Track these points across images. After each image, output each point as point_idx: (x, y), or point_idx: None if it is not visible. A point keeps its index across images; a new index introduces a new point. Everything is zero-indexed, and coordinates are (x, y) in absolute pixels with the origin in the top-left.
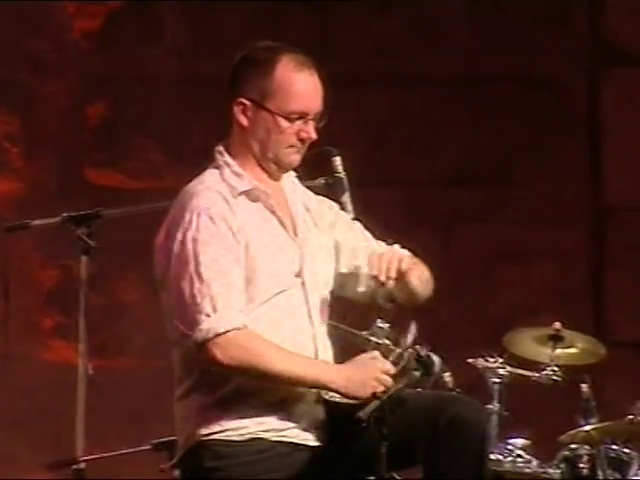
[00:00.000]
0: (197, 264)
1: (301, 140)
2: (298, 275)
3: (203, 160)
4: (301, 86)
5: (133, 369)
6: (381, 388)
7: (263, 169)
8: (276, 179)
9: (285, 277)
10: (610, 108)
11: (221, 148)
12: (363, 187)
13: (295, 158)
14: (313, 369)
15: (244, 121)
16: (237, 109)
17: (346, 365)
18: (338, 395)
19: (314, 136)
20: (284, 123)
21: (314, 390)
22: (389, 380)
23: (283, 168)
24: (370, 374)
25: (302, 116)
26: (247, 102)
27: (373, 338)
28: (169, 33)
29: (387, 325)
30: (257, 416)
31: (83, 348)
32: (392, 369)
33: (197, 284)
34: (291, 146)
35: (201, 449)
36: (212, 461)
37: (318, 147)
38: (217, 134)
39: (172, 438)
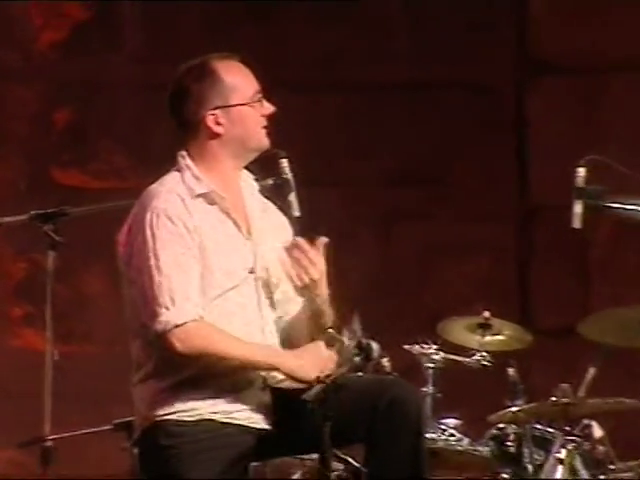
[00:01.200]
0: (157, 260)
1: (267, 117)
2: (251, 272)
3: (163, 162)
4: (243, 71)
5: (96, 355)
6: (325, 372)
7: (228, 172)
8: (236, 180)
9: (238, 273)
10: (536, 113)
11: (184, 153)
12: (309, 187)
13: (267, 139)
14: (265, 354)
15: (219, 129)
16: (210, 122)
17: (295, 351)
18: (285, 378)
19: (273, 108)
20: (252, 108)
21: (261, 377)
22: (332, 365)
23: (260, 152)
24: (316, 359)
25: (258, 94)
26: (215, 112)
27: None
28: (129, 42)
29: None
30: (208, 400)
31: (50, 335)
32: (335, 356)
33: (157, 279)
34: (263, 127)
35: (156, 429)
36: (166, 440)
37: (267, 150)
38: (177, 138)
39: (131, 419)
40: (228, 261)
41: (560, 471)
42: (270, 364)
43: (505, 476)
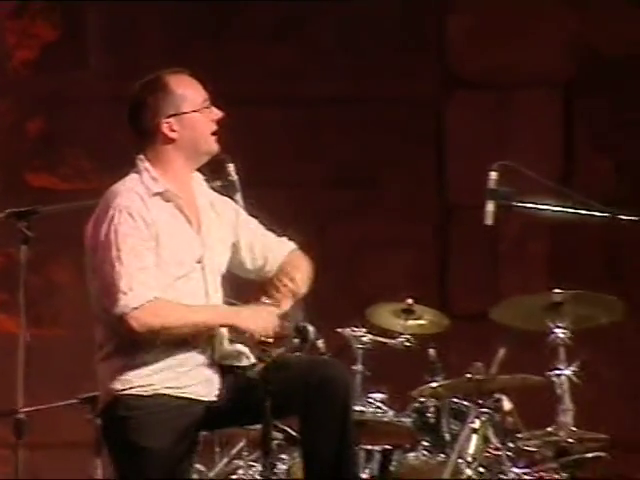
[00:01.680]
0: (118, 251)
1: (216, 122)
2: (199, 262)
3: (123, 166)
4: (191, 83)
5: (64, 337)
6: (268, 332)
7: (180, 173)
8: (188, 180)
9: (188, 263)
10: (453, 124)
11: (142, 157)
12: (253, 188)
13: (216, 145)
14: (218, 314)
15: (174, 135)
16: (165, 129)
17: (241, 307)
18: (231, 356)
19: (221, 113)
20: (202, 114)
21: (209, 357)
22: (275, 327)
23: (210, 155)
24: (260, 315)
25: (206, 102)
26: (169, 120)
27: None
28: (94, 60)
29: (270, 302)
30: (162, 376)
31: (23, 320)
32: (275, 317)
33: (117, 267)
34: (213, 133)
35: (116, 402)
36: (125, 411)
37: (216, 156)
38: (135, 144)
39: (95, 393)
40: (179, 252)
41: (474, 439)
42: (216, 320)
43: (425, 444)
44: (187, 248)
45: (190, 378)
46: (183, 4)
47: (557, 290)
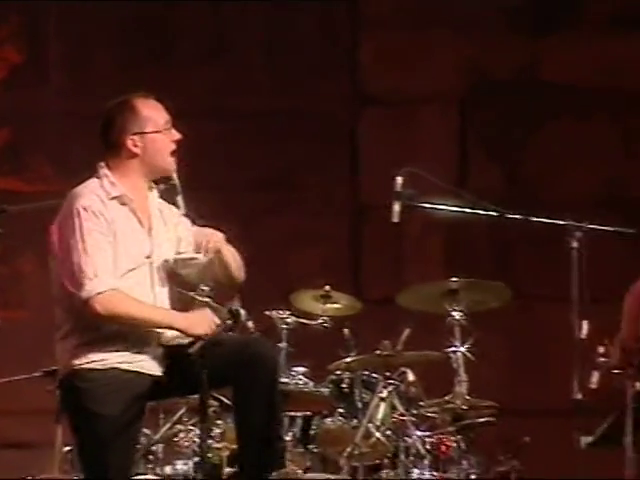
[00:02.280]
0: (83, 243)
1: (175, 142)
2: (148, 257)
3: (79, 172)
4: (156, 105)
5: (28, 319)
6: (209, 331)
7: (137, 182)
8: (148, 189)
9: (138, 258)
10: (365, 135)
11: (103, 164)
12: (191, 191)
13: (173, 163)
14: (165, 316)
15: (137, 150)
16: (130, 145)
17: (186, 313)
18: (176, 336)
19: (180, 135)
20: (163, 135)
21: (156, 337)
22: (214, 325)
23: (169, 172)
24: (202, 320)
25: (168, 124)
26: (134, 137)
27: (198, 297)
28: (54, 80)
29: (209, 288)
30: (114, 353)
31: None
32: (216, 318)
33: (84, 257)
34: (172, 153)
35: (74, 375)
36: (81, 383)
37: None
38: (93, 153)
39: (55, 368)
40: (131, 248)
41: (382, 407)
42: (167, 323)
43: (340, 411)
44: (138, 245)
45: (139, 355)
46: (131, 31)
47: (453, 278)
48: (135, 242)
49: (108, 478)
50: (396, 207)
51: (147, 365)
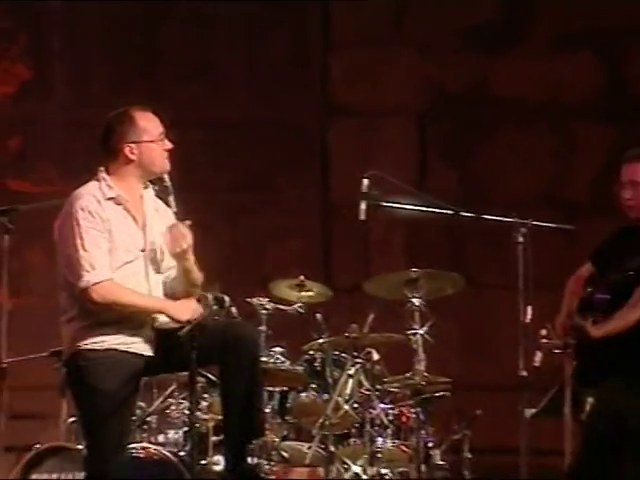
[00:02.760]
0: (81, 240)
1: (167, 151)
2: (143, 250)
3: (81, 175)
4: (152, 118)
5: (37, 304)
6: (193, 317)
7: (133, 184)
8: (144, 187)
9: (133, 252)
10: (334, 143)
11: (102, 169)
12: (181, 192)
13: (168, 163)
14: (156, 303)
15: (133, 157)
16: (127, 151)
17: (174, 302)
18: (168, 321)
19: (171, 145)
20: (157, 144)
21: (150, 321)
22: (199, 311)
23: (162, 174)
24: (187, 307)
25: (162, 135)
26: (131, 145)
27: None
28: (58, 94)
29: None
30: (112, 335)
31: (5, 291)
32: (200, 307)
33: (81, 252)
34: (165, 157)
35: (77, 355)
36: (83, 362)
37: None
38: (92, 158)
39: (60, 348)
40: (127, 242)
41: (350, 382)
42: (159, 309)
43: (313, 386)
44: (132, 240)
45: (134, 338)
46: (125, 51)
47: (413, 269)
48: (130, 237)
49: (107, 446)
50: (362, 206)
51: (141, 346)
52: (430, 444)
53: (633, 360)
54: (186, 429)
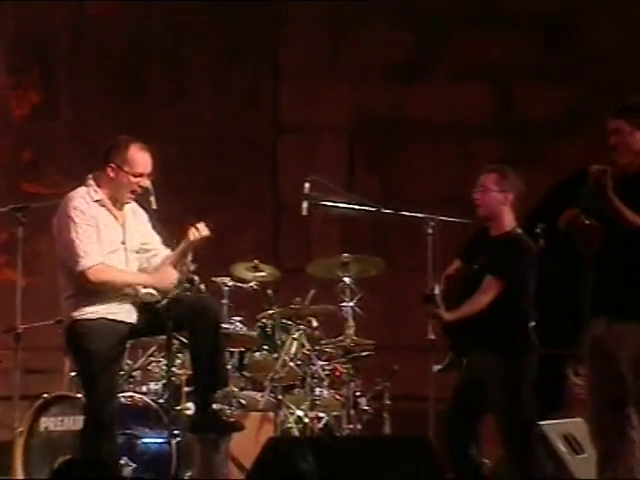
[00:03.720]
0: (76, 232)
1: (140, 187)
2: (123, 242)
3: (81, 180)
4: (143, 155)
5: (44, 283)
6: (172, 282)
7: (109, 192)
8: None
9: (115, 244)
10: (283, 154)
11: (90, 176)
12: (159, 193)
13: (131, 199)
14: (139, 277)
15: (112, 174)
16: (109, 169)
17: (154, 273)
18: (148, 292)
19: (147, 185)
20: (132, 179)
21: (133, 295)
22: (175, 277)
23: (123, 202)
24: (166, 276)
25: (142, 174)
26: (113, 165)
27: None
28: (63, 115)
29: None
30: (103, 307)
31: (19, 272)
32: (175, 273)
33: (77, 242)
34: (132, 192)
35: (74, 323)
36: (80, 329)
37: None
38: (88, 168)
39: (62, 318)
40: (110, 236)
41: (294, 344)
42: (143, 282)
43: (265, 347)
44: (115, 234)
45: (121, 309)
46: (117, 80)
47: (345, 254)
48: (112, 232)
49: (101, 395)
50: (304, 204)
51: (126, 315)
52: (358, 393)
53: (489, 336)
54: (164, 381)
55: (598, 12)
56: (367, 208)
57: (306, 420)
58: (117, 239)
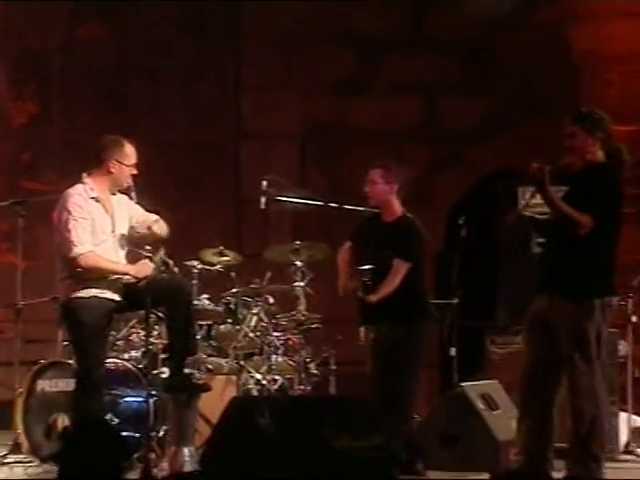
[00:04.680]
0: (73, 224)
1: (132, 175)
2: (113, 231)
3: (73, 178)
4: (133, 151)
5: (42, 267)
6: (148, 274)
7: (105, 188)
8: (113, 193)
9: (106, 233)
10: (245, 156)
11: (85, 174)
12: (141, 188)
13: (130, 181)
14: (123, 267)
15: (113, 170)
16: (110, 166)
17: (135, 265)
18: (130, 277)
19: (136, 172)
20: (129, 169)
21: (119, 278)
22: (150, 268)
23: (124, 187)
24: (144, 269)
25: (134, 164)
26: (114, 162)
27: (144, 253)
28: (57, 122)
29: (150, 248)
30: (94, 288)
31: (19, 257)
32: (152, 267)
33: (73, 233)
34: (129, 178)
35: (69, 301)
36: (73, 305)
37: None
38: (80, 168)
39: (58, 295)
40: (103, 227)
41: (254, 318)
42: (124, 271)
43: (229, 321)
44: (105, 225)
45: (108, 289)
46: (104, 92)
47: (296, 242)
48: (104, 224)
49: (90, 362)
50: (263, 199)
51: (113, 295)
52: (308, 359)
53: (393, 309)
54: (143, 349)
55: (509, 36)
56: (316, 202)
57: (264, 382)
58: (107, 229)
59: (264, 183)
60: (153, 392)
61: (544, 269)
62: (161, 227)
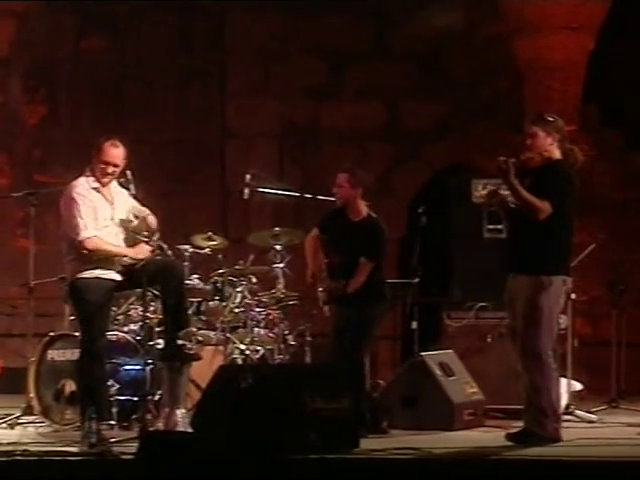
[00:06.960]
0: (78, 211)
1: (109, 174)
2: (112, 219)
3: (78, 171)
4: (111, 150)
5: (52, 249)
6: (145, 256)
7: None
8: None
9: (107, 219)
10: (229, 154)
11: (87, 168)
12: (137, 182)
13: (105, 178)
14: (123, 250)
15: (102, 165)
16: (94, 161)
17: (133, 248)
18: (130, 259)
19: (111, 171)
20: (102, 166)
21: (120, 260)
22: (147, 251)
23: (106, 180)
24: (141, 251)
25: (107, 163)
26: (95, 159)
27: (141, 238)
28: (64, 123)
29: (147, 233)
30: (96, 269)
31: (31, 241)
32: (149, 249)
33: (78, 219)
34: (105, 174)
35: (75, 281)
36: (79, 284)
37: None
38: (83, 163)
39: (65, 275)
40: (103, 214)
41: (239, 296)
42: (124, 254)
43: (216, 298)
44: (106, 212)
45: (109, 270)
46: (104, 97)
47: (276, 228)
48: (105, 211)
49: (94, 334)
50: (246, 191)
51: (114, 275)
52: (286, 332)
53: (354, 296)
54: (141, 323)
55: (460, 48)
56: (292, 194)
57: (247, 352)
58: (108, 216)
59: (247, 176)
60: (149, 361)
61: (510, 250)
62: (152, 220)
